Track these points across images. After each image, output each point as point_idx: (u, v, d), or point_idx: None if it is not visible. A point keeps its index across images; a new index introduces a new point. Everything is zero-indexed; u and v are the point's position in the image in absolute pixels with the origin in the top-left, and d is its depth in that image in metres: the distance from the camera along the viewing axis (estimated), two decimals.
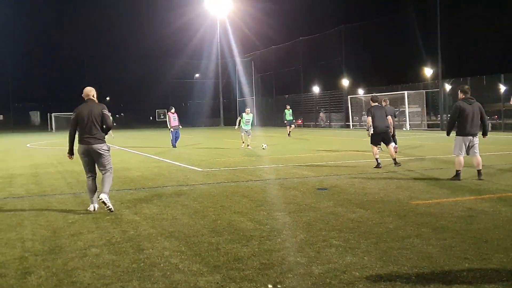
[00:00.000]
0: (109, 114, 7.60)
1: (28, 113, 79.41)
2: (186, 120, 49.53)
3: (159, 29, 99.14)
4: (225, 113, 62.68)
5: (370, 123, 11.84)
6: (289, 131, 28.86)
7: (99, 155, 7.35)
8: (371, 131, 11.90)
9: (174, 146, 21.13)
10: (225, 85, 64.37)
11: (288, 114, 29.13)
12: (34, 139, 35.29)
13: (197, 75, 72.31)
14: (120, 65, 77.70)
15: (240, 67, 61.53)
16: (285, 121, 29.81)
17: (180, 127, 21.76)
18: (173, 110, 21.74)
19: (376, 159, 12.06)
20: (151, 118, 69.22)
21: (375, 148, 12.20)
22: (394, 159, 11.95)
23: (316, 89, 53.52)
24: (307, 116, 51.48)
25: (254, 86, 60.12)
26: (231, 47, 58.95)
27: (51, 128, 58.38)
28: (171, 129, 21.37)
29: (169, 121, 21.52)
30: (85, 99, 7.53)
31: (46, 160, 16.76)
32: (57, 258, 4.99)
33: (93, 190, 7.46)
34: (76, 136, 7.35)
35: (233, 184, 9.97)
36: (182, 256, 4.98)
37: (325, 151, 12.40)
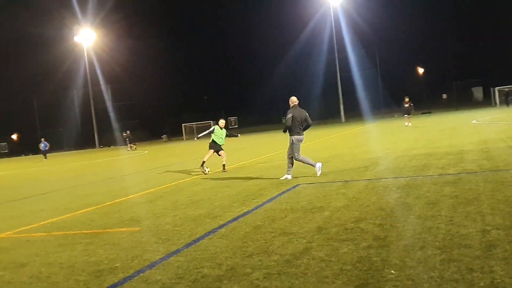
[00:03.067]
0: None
1: (470, 89, 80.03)
2: None
3: None
4: None
5: None
6: None
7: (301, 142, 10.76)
8: None
9: None
10: None
11: None
12: (479, 115, 35.27)
13: None
14: None
15: None
16: None
17: None
18: None
19: None
20: None
21: None
22: None
23: None
24: None
25: None
26: None
27: (495, 103, 56.98)
28: None
29: None
30: (292, 105, 10.66)
31: (494, 135, 16.53)
32: None
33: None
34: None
35: None
36: None
37: None
